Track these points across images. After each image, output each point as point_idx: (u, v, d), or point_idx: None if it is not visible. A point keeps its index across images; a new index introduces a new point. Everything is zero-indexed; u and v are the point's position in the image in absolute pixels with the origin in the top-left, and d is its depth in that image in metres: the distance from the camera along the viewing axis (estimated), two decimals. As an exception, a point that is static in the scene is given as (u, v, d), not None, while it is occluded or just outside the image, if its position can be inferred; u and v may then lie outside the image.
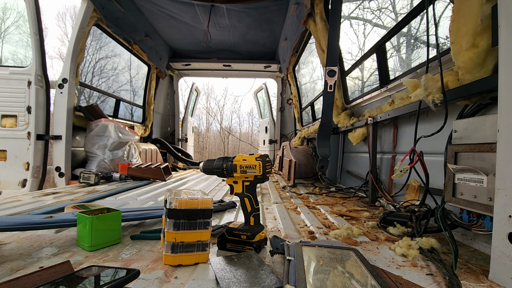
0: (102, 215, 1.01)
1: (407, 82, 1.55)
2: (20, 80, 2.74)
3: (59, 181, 2.96)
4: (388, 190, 1.98)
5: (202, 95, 21.43)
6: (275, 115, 6.41)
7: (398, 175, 1.38)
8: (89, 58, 3.97)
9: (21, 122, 2.76)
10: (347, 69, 2.91)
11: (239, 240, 0.98)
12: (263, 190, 2.55)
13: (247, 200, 1.03)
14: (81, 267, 0.76)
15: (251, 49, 5.48)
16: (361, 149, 2.57)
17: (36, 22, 2.66)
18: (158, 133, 5.91)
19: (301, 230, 1.28)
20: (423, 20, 1.88)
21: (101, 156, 3.24)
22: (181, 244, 0.84)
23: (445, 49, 1.42)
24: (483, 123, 1.01)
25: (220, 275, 0.75)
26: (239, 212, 1.61)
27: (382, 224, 1.34)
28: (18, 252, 0.94)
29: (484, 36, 1.05)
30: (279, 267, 0.86)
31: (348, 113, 2.77)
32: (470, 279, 0.80)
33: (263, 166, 0.99)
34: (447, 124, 1.17)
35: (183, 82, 6.54)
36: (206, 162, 1.09)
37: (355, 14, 3.20)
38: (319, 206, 1.83)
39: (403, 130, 1.89)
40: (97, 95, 4.13)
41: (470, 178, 1.00)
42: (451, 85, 1.24)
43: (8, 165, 2.75)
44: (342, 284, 0.66)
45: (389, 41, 2.18)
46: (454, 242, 0.91)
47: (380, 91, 2.19)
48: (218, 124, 23.39)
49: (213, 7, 3.87)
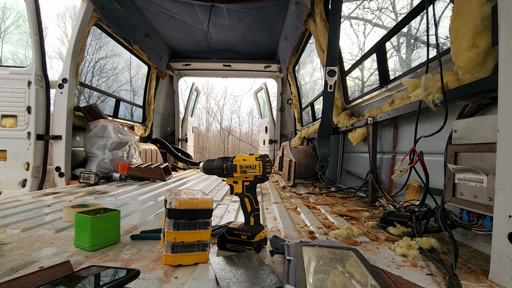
0: (102, 215, 1.01)
1: (407, 82, 1.55)
2: (20, 80, 2.74)
3: (59, 181, 2.96)
4: (388, 190, 1.98)
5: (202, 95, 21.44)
6: (275, 115, 6.41)
7: (398, 175, 1.38)
8: (89, 58, 3.97)
9: (21, 122, 2.76)
10: (347, 69, 2.91)
11: (239, 240, 0.98)
12: (263, 190, 2.55)
13: (247, 200, 1.03)
14: (81, 267, 0.76)
15: (251, 49, 5.48)
16: (361, 149, 2.57)
17: (36, 22, 2.66)
18: (158, 133, 5.91)
19: (301, 230, 1.28)
20: (423, 20, 1.88)
21: (101, 156, 3.24)
22: (181, 244, 0.84)
23: (445, 49, 1.42)
24: (483, 123, 1.01)
25: (220, 275, 0.75)
26: (239, 212, 1.61)
27: (382, 224, 1.34)
28: (18, 252, 0.93)
29: (484, 36, 1.05)
30: (279, 267, 0.86)
31: (348, 113, 2.77)
32: (470, 279, 0.80)
33: (263, 166, 0.99)
34: (447, 124, 1.17)
35: (183, 82, 6.55)
36: (206, 162, 1.09)
37: (355, 14, 3.20)
38: (319, 206, 1.83)
39: (403, 130, 1.89)
40: (97, 95, 4.13)
41: (470, 178, 1.00)
42: (451, 85, 1.24)
43: (8, 165, 2.75)
44: (342, 284, 0.66)
45: (389, 41, 2.18)
46: (454, 242, 0.91)
47: (380, 91, 2.19)
48: (218, 124, 23.41)
49: (213, 7, 3.87)
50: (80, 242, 0.99)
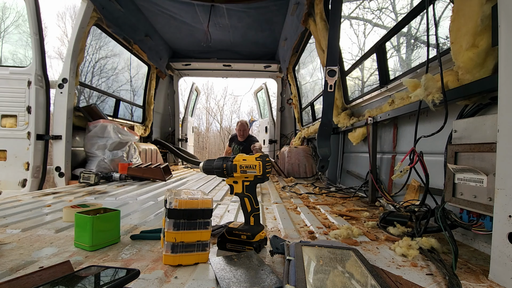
0: (102, 215, 1.02)
1: (407, 82, 1.55)
2: (20, 80, 2.73)
3: (59, 181, 2.96)
4: (388, 190, 1.98)
5: (202, 95, 21.44)
6: (275, 115, 6.40)
7: (398, 175, 1.38)
8: (89, 58, 3.97)
9: (21, 122, 2.76)
10: (347, 69, 2.91)
11: (239, 240, 0.98)
12: (263, 190, 2.55)
13: (247, 200, 1.03)
14: (81, 267, 0.76)
15: (251, 49, 5.48)
16: (361, 149, 2.57)
17: (36, 22, 2.66)
18: (158, 133, 5.91)
19: (301, 230, 1.28)
20: (423, 20, 1.88)
21: (101, 156, 3.24)
22: (181, 244, 0.84)
23: (445, 49, 1.42)
24: (483, 123, 1.01)
25: (220, 275, 0.75)
26: (239, 212, 1.61)
27: (382, 224, 1.34)
28: (18, 252, 0.93)
29: (484, 36, 1.04)
30: (279, 267, 0.86)
31: (348, 113, 2.77)
32: (470, 279, 0.80)
33: (263, 166, 0.99)
34: (447, 124, 1.17)
35: (183, 82, 6.54)
36: (206, 162, 1.09)
37: (355, 14, 3.20)
38: (319, 206, 1.83)
39: (403, 130, 1.89)
40: (97, 95, 4.13)
41: (470, 178, 0.99)
42: (451, 85, 1.24)
43: (8, 165, 2.75)
44: (342, 284, 0.66)
45: (389, 41, 2.18)
46: (454, 242, 0.91)
47: (380, 91, 2.19)
48: (218, 124, 23.39)
49: (213, 7, 3.86)
50: (80, 242, 0.99)
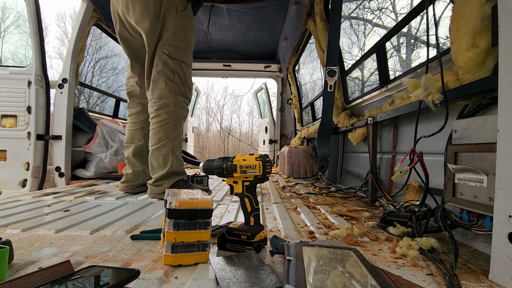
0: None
1: (407, 82, 1.55)
2: (20, 80, 2.73)
3: (59, 181, 2.96)
4: (388, 190, 1.98)
5: (202, 95, 21.44)
6: (275, 115, 6.40)
7: (397, 176, 1.38)
8: (89, 58, 3.96)
9: (21, 122, 2.76)
10: (347, 69, 2.91)
11: (239, 240, 0.98)
12: (263, 190, 2.55)
13: (247, 200, 1.03)
14: (81, 267, 0.76)
15: (251, 49, 5.48)
16: (361, 149, 2.57)
17: (36, 22, 2.66)
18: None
19: (301, 230, 1.28)
20: (423, 20, 1.88)
21: (100, 156, 3.24)
22: (181, 244, 0.84)
23: (445, 49, 1.42)
24: (483, 123, 1.01)
25: (220, 275, 0.75)
26: (239, 212, 1.61)
27: (382, 224, 1.34)
28: (18, 252, 0.93)
29: (484, 36, 1.04)
30: (279, 267, 0.86)
31: (348, 113, 2.77)
32: (470, 279, 0.80)
33: (263, 166, 0.99)
34: (447, 124, 1.17)
35: (183, 82, 6.53)
36: (206, 162, 1.09)
37: (355, 14, 3.20)
38: (319, 206, 1.83)
39: (403, 130, 1.89)
40: (97, 95, 4.13)
41: (470, 178, 0.99)
42: (451, 85, 1.24)
43: (8, 165, 2.75)
44: (342, 284, 0.66)
45: (389, 41, 2.18)
46: (454, 242, 0.91)
47: (380, 91, 2.19)
48: (218, 124, 23.40)
49: (213, 7, 3.86)
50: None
